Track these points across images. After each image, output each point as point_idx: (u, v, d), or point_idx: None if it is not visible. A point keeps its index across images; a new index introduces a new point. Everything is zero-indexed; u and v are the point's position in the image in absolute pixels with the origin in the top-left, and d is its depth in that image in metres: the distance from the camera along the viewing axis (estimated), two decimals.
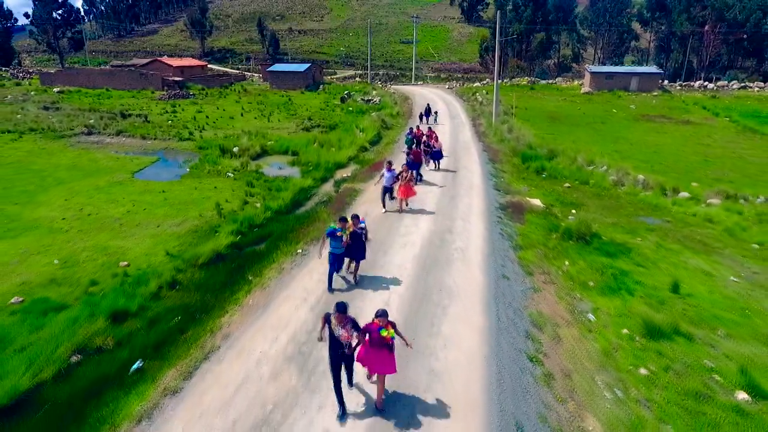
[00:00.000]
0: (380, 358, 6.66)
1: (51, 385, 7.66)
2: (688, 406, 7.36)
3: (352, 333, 6.61)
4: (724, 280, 12.22)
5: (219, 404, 6.94)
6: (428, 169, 20.73)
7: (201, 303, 10.11)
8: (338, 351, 6.64)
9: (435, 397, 7.14)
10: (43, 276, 11.46)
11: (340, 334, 6.58)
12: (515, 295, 10.46)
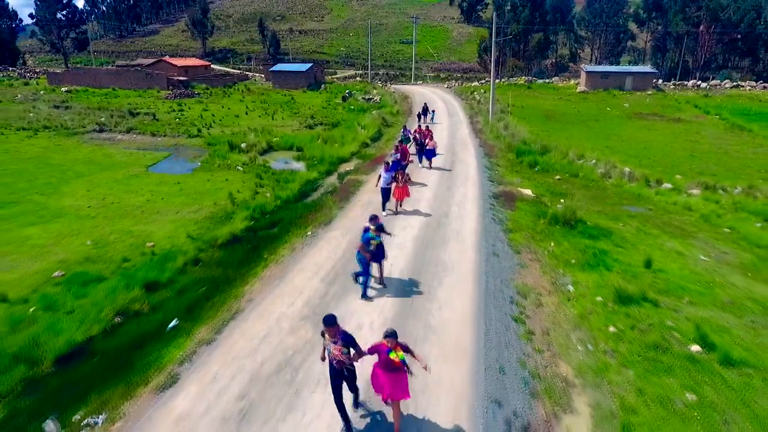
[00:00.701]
0: (392, 381, 6.07)
1: (100, 339, 8.90)
2: (647, 356, 8.59)
3: (342, 350, 6.07)
4: (694, 259, 13.46)
5: (247, 351, 8.18)
6: (420, 167, 21.50)
7: (223, 276, 11.35)
8: (334, 369, 6.21)
9: (432, 348, 8.37)
10: (78, 255, 12.69)
11: (330, 350, 6.12)
12: (504, 269, 11.71)
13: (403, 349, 6.06)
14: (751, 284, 12.03)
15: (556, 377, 7.99)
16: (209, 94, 53.21)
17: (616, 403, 7.37)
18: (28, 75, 66.34)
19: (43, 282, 11.13)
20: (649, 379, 7.92)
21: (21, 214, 15.83)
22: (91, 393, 7.40)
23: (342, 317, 9.22)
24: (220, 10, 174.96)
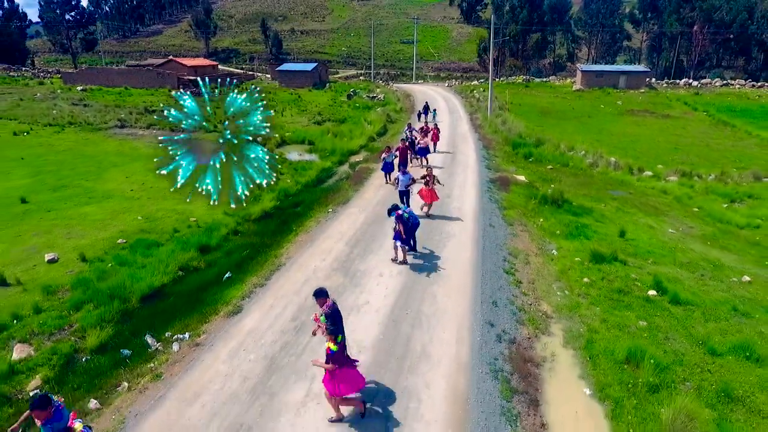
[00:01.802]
0: None
1: (171, 286, 11.02)
2: (612, 297, 10.70)
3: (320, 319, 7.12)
4: (663, 231, 15.59)
5: (293, 291, 10.30)
6: (411, 167, 20.75)
7: (261, 242, 13.48)
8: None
9: (438, 288, 10.49)
10: (133, 227, 14.80)
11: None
12: (498, 236, 13.82)
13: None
14: (708, 250, 14.16)
15: (538, 312, 10.11)
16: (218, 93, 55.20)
17: (584, 328, 9.48)
18: (41, 74, 68.41)
19: (110, 247, 13.24)
20: (612, 313, 10.03)
21: (74, 196, 17.95)
22: (174, 320, 9.53)
23: (366, 270, 11.43)
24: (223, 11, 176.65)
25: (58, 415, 5.38)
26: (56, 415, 5.35)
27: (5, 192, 18.10)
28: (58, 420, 5.35)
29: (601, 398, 7.56)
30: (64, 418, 5.45)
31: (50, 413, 5.31)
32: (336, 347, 6.39)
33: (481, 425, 6.76)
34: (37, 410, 5.28)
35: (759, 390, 7.85)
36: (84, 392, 7.49)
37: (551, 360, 8.56)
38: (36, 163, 23.41)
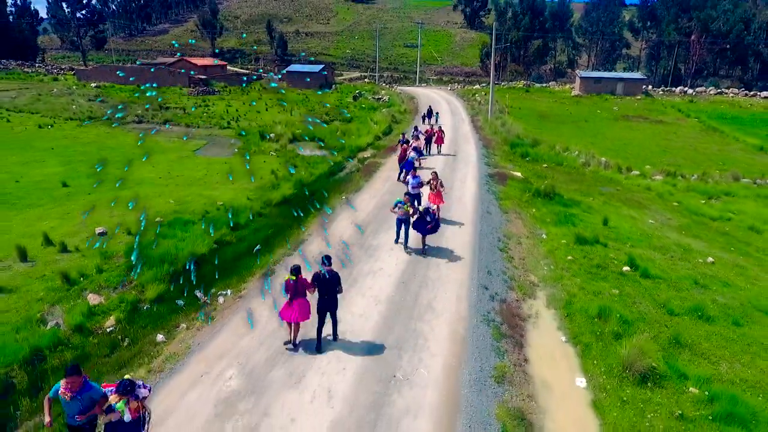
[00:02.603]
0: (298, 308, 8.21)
1: (209, 255, 12.70)
2: (591, 271, 12.39)
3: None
4: (644, 221, 17.29)
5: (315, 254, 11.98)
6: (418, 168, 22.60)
7: (283, 223, 15.15)
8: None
9: (441, 259, 12.18)
10: (167, 208, 16.48)
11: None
12: (494, 222, 15.52)
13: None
14: (682, 237, 15.86)
15: (526, 281, 11.80)
16: (228, 92, 57.02)
17: (564, 293, 11.15)
18: (54, 71, 70.22)
19: (150, 224, 14.90)
20: (590, 283, 11.71)
21: (108, 182, 19.63)
22: (216, 281, 11.20)
23: (378, 244, 13.14)
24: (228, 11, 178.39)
25: (88, 386, 5.60)
26: (86, 386, 5.57)
27: (46, 177, 19.81)
28: (88, 390, 5.58)
29: (574, 343, 9.25)
30: (94, 388, 5.66)
31: (82, 382, 5.54)
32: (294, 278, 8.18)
33: (475, 356, 8.44)
34: (74, 376, 5.43)
35: (705, 340, 9.54)
36: (151, 329, 9.17)
37: (535, 317, 10.25)
38: (66, 153, 25.14)
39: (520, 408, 7.40)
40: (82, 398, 5.54)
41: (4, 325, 8.90)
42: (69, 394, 5.47)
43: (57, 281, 10.78)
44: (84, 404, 5.54)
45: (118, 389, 5.52)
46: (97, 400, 5.62)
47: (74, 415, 5.59)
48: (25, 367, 7.73)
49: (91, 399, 5.60)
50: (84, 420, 5.60)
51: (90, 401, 5.60)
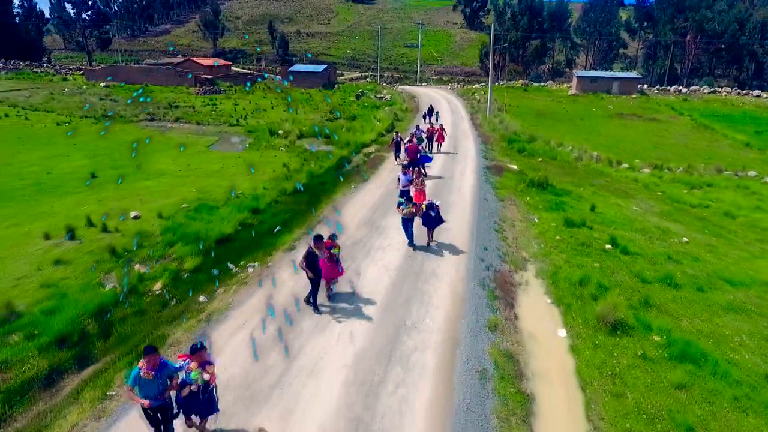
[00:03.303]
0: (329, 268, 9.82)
1: (234, 235, 14.19)
2: (576, 248, 13.87)
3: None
4: (629, 208, 18.78)
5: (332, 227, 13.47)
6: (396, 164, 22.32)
7: (298, 208, 16.63)
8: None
9: (443, 236, 13.67)
10: (191, 196, 17.97)
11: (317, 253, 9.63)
12: (491, 207, 17.02)
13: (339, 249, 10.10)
14: (662, 221, 17.35)
15: (518, 256, 13.29)
16: (234, 92, 58.51)
17: (551, 266, 12.64)
18: (63, 71, 71.71)
19: (177, 210, 16.39)
20: (575, 258, 13.19)
21: (132, 173, 21.14)
22: (244, 255, 12.69)
23: (386, 225, 14.62)
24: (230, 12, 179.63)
25: (164, 363, 6.03)
26: (163, 364, 6.00)
27: (76, 169, 21.31)
28: (165, 367, 6.00)
29: (558, 304, 10.74)
30: (169, 365, 6.09)
31: (159, 360, 5.94)
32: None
33: (472, 311, 9.93)
34: (151, 354, 5.84)
35: (671, 302, 11.04)
36: (194, 292, 10.66)
37: (525, 284, 11.74)
38: (87, 148, 26.62)
39: (510, 350, 8.89)
40: (161, 376, 5.92)
41: (69, 288, 10.40)
42: (150, 373, 5.84)
43: (105, 255, 12.28)
44: (163, 383, 5.93)
45: (191, 350, 6.10)
46: (173, 377, 6.02)
47: (155, 396, 5.91)
48: (95, 317, 9.22)
49: (168, 376, 5.99)
50: (164, 399, 5.99)
51: (167, 379, 5.99)
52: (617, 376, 8.23)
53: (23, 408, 7.08)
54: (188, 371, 6.03)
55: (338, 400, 7.20)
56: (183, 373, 6.04)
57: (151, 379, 5.83)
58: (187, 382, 5.96)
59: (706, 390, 7.97)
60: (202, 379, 6.00)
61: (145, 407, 5.95)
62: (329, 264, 9.91)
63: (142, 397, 5.85)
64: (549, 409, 7.53)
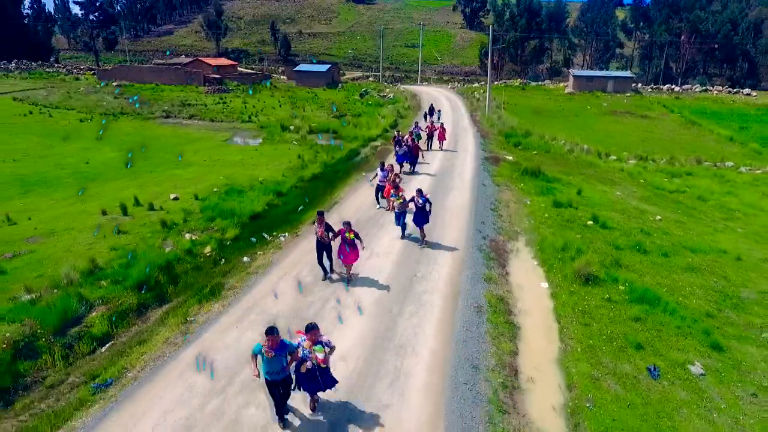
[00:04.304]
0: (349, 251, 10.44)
1: (263, 212, 16.26)
2: (562, 224, 15.94)
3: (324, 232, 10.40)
4: (612, 193, 20.85)
5: (348, 215, 15.54)
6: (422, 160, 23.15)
7: (315, 193, 18.72)
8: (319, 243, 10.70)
9: (445, 217, 15.75)
10: (219, 182, 20.03)
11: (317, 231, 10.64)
12: (488, 191, 19.10)
13: (354, 234, 10.52)
14: (640, 204, 19.43)
15: (511, 230, 15.37)
16: (241, 91, 60.58)
17: (539, 237, 14.70)
18: (74, 71, 73.78)
19: (209, 193, 18.46)
20: (560, 231, 15.25)
21: (163, 163, 23.23)
22: (275, 228, 14.76)
23: None
24: (231, 12, 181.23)
25: (283, 343, 6.42)
26: (282, 343, 6.39)
27: (109, 160, 23.39)
28: (284, 347, 6.41)
29: (542, 265, 12.80)
30: (289, 345, 6.46)
31: (279, 340, 6.34)
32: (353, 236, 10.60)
33: (470, 267, 12.01)
34: (272, 335, 6.23)
35: (638, 264, 13.11)
36: (237, 255, 12.73)
37: (516, 251, 13.82)
38: (114, 142, 28.68)
39: (501, 295, 10.97)
40: (280, 354, 6.33)
41: (135, 250, 12.48)
42: (270, 352, 6.26)
43: (157, 226, 14.36)
44: (282, 360, 6.35)
45: (306, 329, 6.55)
46: (292, 354, 6.44)
47: (275, 372, 6.38)
48: (163, 270, 11.29)
49: (286, 354, 6.39)
50: (285, 374, 6.47)
51: (286, 356, 6.40)
52: (586, 313, 10.30)
53: (124, 329, 9.16)
54: (305, 349, 6.44)
55: (366, 325, 9.27)
56: (301, 350, 6.43)
57: (271, 358, 6.27)
58: (303, 358, 6.40)
59: (657, 322, 10.04)
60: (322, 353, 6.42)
61: (256, 376, 6.50)
62: (346, 249, 10.58)
63: (264, 371, 6.41)
64: (531, 333, 9.61)
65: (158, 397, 7.14)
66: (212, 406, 6.99)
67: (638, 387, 8.02)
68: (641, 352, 8.98)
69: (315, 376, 6.48)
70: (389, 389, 7.42)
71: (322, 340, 6.55)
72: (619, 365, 8.55)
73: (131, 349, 8.45)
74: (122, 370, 7.82)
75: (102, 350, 8.50)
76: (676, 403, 7.68)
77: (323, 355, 6.42)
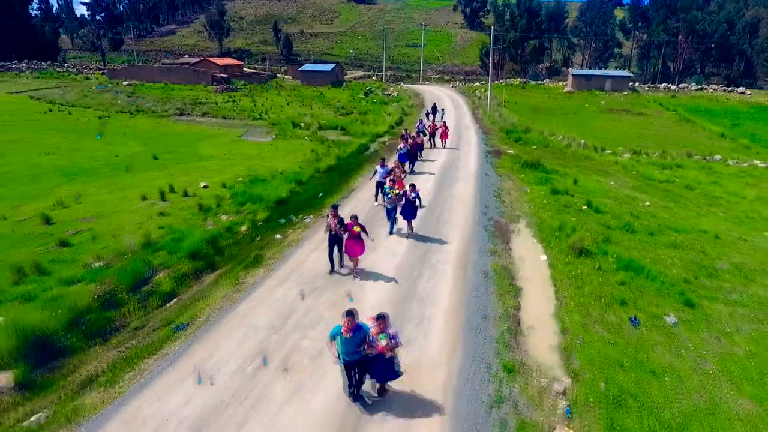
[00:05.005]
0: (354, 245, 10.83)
1: (287, 198, 17.86)
2: (559, 209, 17.53)
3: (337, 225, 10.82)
4: (606, 183, 22.46)
5: (364, 199, 17.14)
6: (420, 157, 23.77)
7: (332, 183, 20.32)
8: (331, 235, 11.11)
9: (452, 203, 17.35)
10: (242, 173, 21.62)
11: (329, 224, 11.01)
12: (491, 181, 20.70)
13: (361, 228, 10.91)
14: (632, 192, 21.05)
15: (513, 214, 16.96)
16: (248, 90, 62.20)
17: (538, 219, 16.31)
18: (84, 71, 75.35)
19: (235, 182, 20.06)
20: (557, 215, 16.85)
21: (186, 156, 24.81)
22: (299, 212, 16.36)
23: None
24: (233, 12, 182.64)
25: (358, 325, 6.81)
26: (357, 326, 6.80)
27: (137, 153, 24.98)
28: (359, 328, 6.82)
29: (541, 241, 14.39)
30: (363, 328, 6.87)
31: (356, 322, 6.72)
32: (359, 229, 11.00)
33: (478, 243, 13.61)
34: (350, 316, 6.65)
35: (627, 241, 14.72)
36: (270, 233, 14.33)
37: (517, 231, 15.41)
38: (138, 137, 30.27)
39: (505, 265, 12.57)
40: (356, 335, 6.74)
41: (181, 228, 14.08)
42: (348, 333, 6.71)
43: (194, 209, 15.97)
44: (357, 341, 6.76)
45: (376, 317, 6.96)
46: (365, 337, 6.84)
47: (351, 352, 6.80)
48: (209, 244, 12.89)
49: (361, 336, 6.80)
50: (359, 355, 6.84)
51: (361, 338, 6.80)
52: (579, 278, 11.90)
53: (186, 288, 10.77)
54: (371, 336, 6.88)
55: (392, 285, 10.89)
56: (371, 335, 6.86)
57: (349, 338, 6.70)
58: (371, 344, 6.83)
59: (639, 285, 11.65)
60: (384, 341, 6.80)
61: (333, 362, 7.07)
62: (352, 242, 10.98)
63: (340, 351, 6.84)
64: (531, 294, 11.22)
65: (229, 334, 8.74)
66: (274, 338, 8.60)
67: (621, 332, 9.62)
68: (625, 308, 10.58)
69: (380, 363, 6.88)
70: (416, 329, 9.04)
71: (389, 332, 6.88)
72: (605, 316, 10.16)
73: (195, 303, 10.05)
74: (192, 317, 9.42)
75: (170, 304, 10.10)
76: (652, 343, 9.29)
77: (386, 343, 6.78)
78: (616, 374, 8.24)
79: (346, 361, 6.89)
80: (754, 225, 17.99)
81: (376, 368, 6.97)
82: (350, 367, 6.95)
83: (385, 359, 6.85)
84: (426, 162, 23.65)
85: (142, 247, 12.30)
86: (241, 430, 6.52)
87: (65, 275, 10.78)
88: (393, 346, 6.86)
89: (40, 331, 8.11)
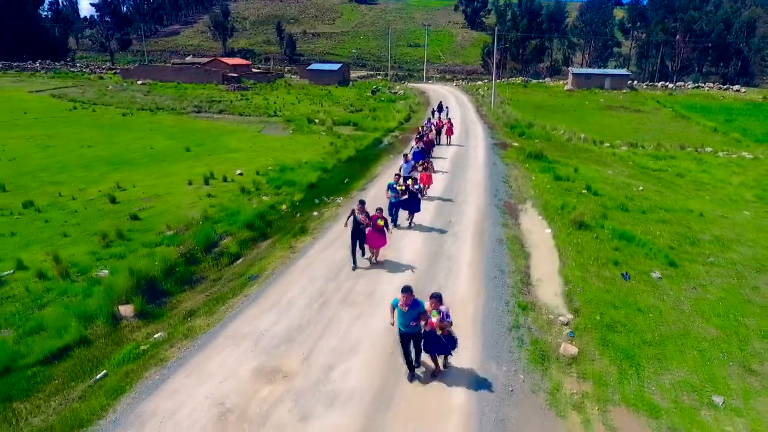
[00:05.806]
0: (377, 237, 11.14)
1: (317, 183, 19.84)
2: (561, 192, 19.51)
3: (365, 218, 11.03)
4: (604, 172, 24.46)
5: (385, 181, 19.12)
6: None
7: (353, 172, 22.29)
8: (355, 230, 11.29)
9: (466, 186, 19.34)
10: (271, 162, 23.60)
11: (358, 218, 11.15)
12: (499, 169, 22.70)
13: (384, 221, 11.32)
14: (628, 180, 23.03)
15: (520, 196, 18.96)
16: (258, 89, 64.17)
17: (542, 200, 18.28)
18: (98, 71, 77.36)
19: (266, 170, 22.05)
20: (560, 197, 18.78)
21: (215, 149, 26.80)
22: (329, 194, 18.34)
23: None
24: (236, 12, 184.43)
25: (415, 302, 7.17)
26: (414, 302, 7.16)
27: (169, 146, 26.98)
28: (416, 305, 7.19)
29: (546, 218, 16.37)
30: (420, 304, 7.20)
31: (413, 299, 7.07)
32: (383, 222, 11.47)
33: (491, 218, 15.60)
34: (407, 293, 6.99)
35: (621, 217, 16.71)
36: (307, 211, 16.31)
37: (525, 210, 17.41)
38: (164, 132, 32.25)
39: (516, 235, 14.57)
40: (412, 310, 7.15)
41: (230, 207, 16.06)
42: (405, 307, 7.15)
43: (237, 192, 17.97)
44: (413, 315, 7.18)
45: (431, 296, 7.38)
46: (422, 313, 7.19)
47: (408, 323, 7.25)
48: (258, 218, 14.88)
49: (418, 312, 7.17)
50: (416, 329, 7.33)
51: (417, 313, 7.17)
52: (579, 245, 13.89)
53: (247, 251, 12.78)
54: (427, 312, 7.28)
55: (422, 246, 12.89)
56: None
57: (405, 312, 7.16)
58: (426, 318, 7.26)
59: (631, 251, 13.64)
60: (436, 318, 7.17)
61: (392, 324, 7.62)
62: (376, 234, 11.35)
63: (399, 323, 7.37)
64: (538, 257, 13.21)
65: (294, 282, 10.74)
66: (332, 285, 10.60)
67: (614, 283, 11.62)
68: (618, 267, 12.56)
69: (435, 338, 7.30)
70: (446, 277, 11.04)
71: (442, 309, 7.25)
72: (601, 272, 12.15)
73: (258, 261, 12.05)
74: (260, 270, 11.41)
75: (238, 262, 12.10)
76: (639, 291, 11.28)
77: (437, 320, 7.14)
78: (609, 311, 10.23)
79: (401, 331, 7.42)
80: (736, 206, 19.97)
81: (429, 342, 7.43)
82: (406, 338, 7.46)
83: (435, 334, 7.27)
84: (438, 153, 25.64)
85: (203, 220, 14.29)
86: (322, 340, 8.52)
87: (146, 240, 12.80)
88: (444, 325, 7.23)
89: (146, 276, 10.10)
